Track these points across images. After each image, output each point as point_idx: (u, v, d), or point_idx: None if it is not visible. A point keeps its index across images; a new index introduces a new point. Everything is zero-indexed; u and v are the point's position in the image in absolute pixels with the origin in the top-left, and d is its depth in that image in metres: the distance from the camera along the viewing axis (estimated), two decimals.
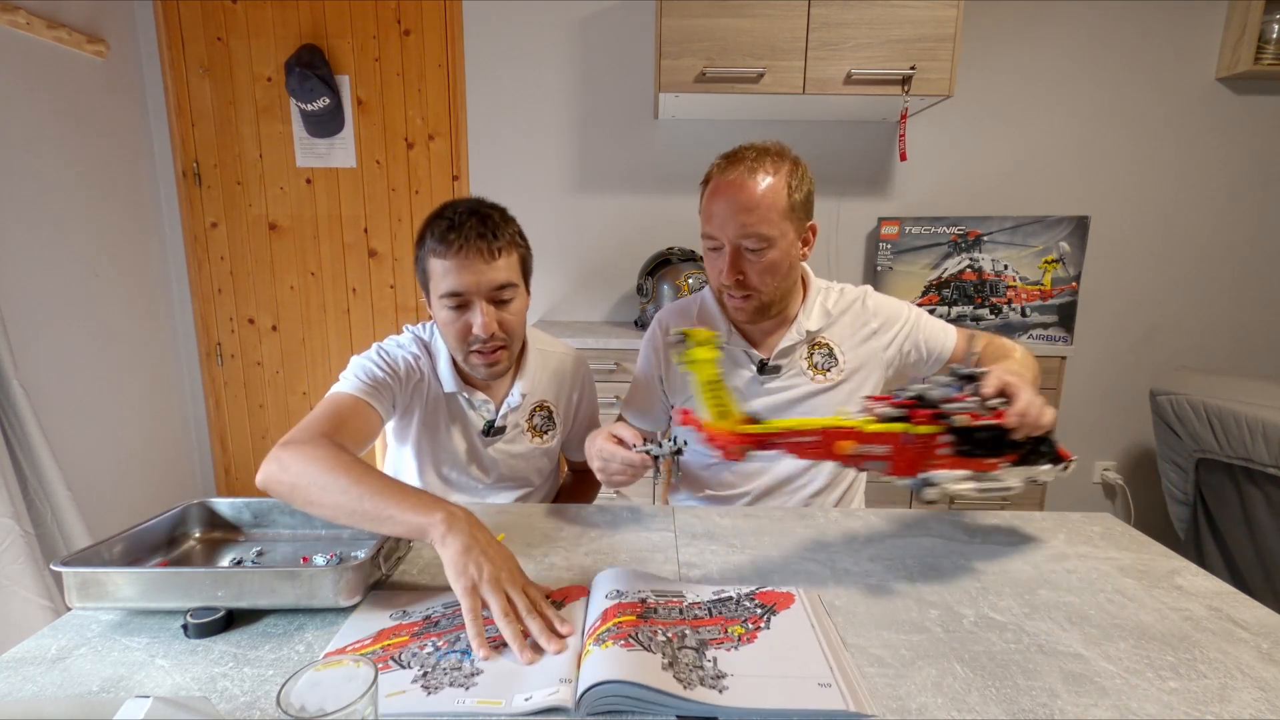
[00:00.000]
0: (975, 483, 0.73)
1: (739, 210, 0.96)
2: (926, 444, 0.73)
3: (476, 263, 0.91)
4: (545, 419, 1.12)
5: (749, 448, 0.71)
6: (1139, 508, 2.40)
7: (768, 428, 0.71)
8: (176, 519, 0.83)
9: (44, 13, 1.83)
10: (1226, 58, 2.15)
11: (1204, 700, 0.55)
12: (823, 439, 0.71)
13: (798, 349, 1.08)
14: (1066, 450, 0.83)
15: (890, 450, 0.72)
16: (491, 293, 0.94)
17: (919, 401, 0.74)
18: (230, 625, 0.66)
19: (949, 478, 0.72)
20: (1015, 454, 0.77)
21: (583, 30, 2.21)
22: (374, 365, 0.98)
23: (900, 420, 0.73)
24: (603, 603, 0.65)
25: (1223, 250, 2.29)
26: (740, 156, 0.98)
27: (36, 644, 0.64)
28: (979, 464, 0.75)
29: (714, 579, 0.75)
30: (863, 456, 0.72)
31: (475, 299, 0.93)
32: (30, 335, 1.77)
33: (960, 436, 0.74)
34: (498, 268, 0.93)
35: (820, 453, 0.72)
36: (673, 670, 0.55)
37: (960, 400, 0.75)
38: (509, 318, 0.97)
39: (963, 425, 0.73)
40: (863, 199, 2.29)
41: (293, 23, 2.22)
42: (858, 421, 0.72)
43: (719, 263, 1.00)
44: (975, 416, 0.74)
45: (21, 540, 1.53)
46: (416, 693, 0.55)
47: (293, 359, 2.44)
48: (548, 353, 1.14)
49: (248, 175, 2.31)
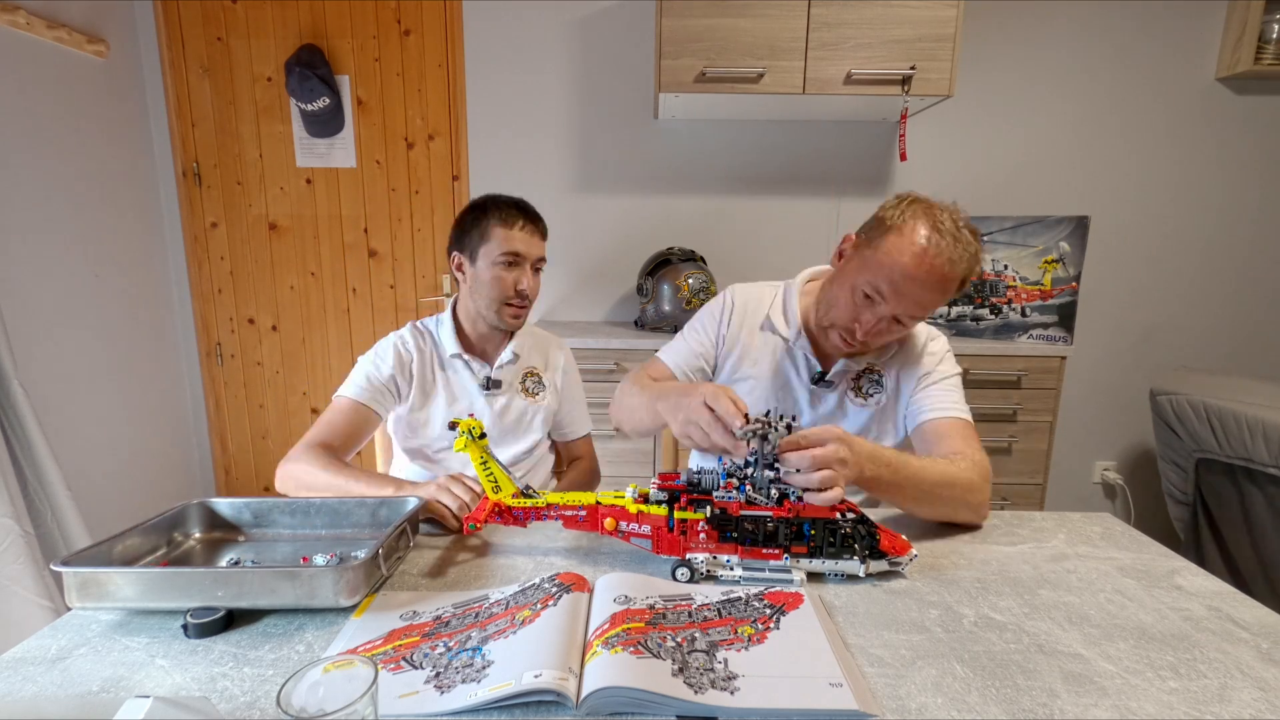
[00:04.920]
0: (743, 570, 0.74)
1: (930, 291, 0.92)
2: (689, 528, 0.76)
3: (534, 237, 1.20)
4: (536, 383, 1.30)
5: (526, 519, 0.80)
6: (1139, 508, 2.40)
7: (536, 502, 0.80)
8: (176, 518, 0.83)
9: (44, 13, 1.83)
10: (1227, 57, 2.15)
11: (1204, 700, 0.55)
12: (589, 514, 0.78)
13: (851, 370, 1.08)
14: (904, 542, 0.75)
15: (652, 530, 0.77)
16: (536, 261, 1.21)
17: (690, 486, 0.78)
18: (230, 625, 0.66)
19: (705, 560, 0.75)
20: (804, 546, 0.74)
21: (583, 30, 2.21)
22: (371, 365, 1.18)
23: (668, 503, 0.77)
24: (610, 606, 0.65)
25: (1223, 250, 2.29)
26: (957, 237, 0.91)
27: (37, 644, 0.64)
28: (755, 552, 0.75)
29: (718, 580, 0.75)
30: (627, 534, 0.78)
31: (525, 263, 1.19)
32: (30, 335, 1.77)
33: (721, 524, 0.75)
34: (541, 246, 1.22)
35: (588, 526, 0.79)
36: (683, 675, 0.55)
37: (727, 489, 0.76)
38: (537, 285, 1.23)
39: (718, 514, 0.75)
40: (862, 199, 2.29)
41: (293, 22, 2.22)
42: (624, 501, 0.78)
43: (865, 316, 0.95)
44: (741, 506, 0.75)
45: (21, 540, 1.53)
46: (430, 693, 0.55)
47: (293, 359, 2.44)
48: (535, 332, 1.36)
49: (248, 175, 2.31)
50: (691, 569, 0.74)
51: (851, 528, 0.74)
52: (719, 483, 0.77)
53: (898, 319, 0.95)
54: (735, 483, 0.76)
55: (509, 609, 0.66)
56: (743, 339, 1.13)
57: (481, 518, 0.78)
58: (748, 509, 0.75)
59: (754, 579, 0.73)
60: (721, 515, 0.75)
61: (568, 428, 1.36)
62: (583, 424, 1.38)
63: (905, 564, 0.76)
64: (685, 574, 0.74)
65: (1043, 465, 1.99)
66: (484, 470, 0.81)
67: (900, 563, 0.75)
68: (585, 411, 1.39)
